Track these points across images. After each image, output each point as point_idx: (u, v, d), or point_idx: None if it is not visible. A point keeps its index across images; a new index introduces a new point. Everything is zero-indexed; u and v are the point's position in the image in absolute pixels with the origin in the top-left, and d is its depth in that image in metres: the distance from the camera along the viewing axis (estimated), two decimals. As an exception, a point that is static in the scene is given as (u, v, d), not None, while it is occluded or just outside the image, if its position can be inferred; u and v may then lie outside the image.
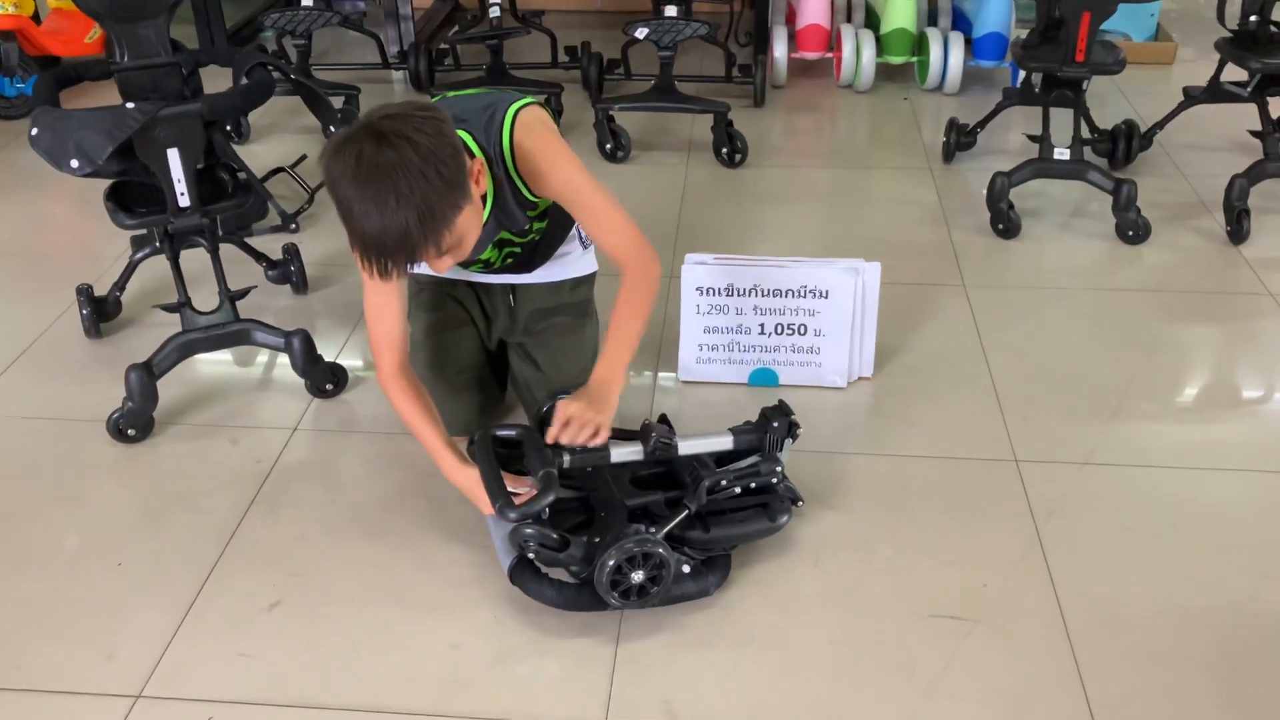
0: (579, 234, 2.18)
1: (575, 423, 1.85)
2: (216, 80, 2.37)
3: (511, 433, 1.97)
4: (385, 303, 1.93)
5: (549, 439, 1.87)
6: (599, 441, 1.87)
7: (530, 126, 1.86)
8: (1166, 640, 1.76)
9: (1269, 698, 1.66)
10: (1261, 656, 1.73)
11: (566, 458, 1.88)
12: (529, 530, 1.73)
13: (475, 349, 2.22)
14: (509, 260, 2.10)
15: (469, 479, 1.90)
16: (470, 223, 1.73)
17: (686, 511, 1.84)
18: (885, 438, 2.26)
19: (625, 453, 1.91)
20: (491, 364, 2.28)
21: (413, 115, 1.64)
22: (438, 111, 1.69)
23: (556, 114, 3.77)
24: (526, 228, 2.00)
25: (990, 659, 1.74)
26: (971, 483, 2.12)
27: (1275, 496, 2.08)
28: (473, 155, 1.77)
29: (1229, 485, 2.11)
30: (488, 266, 2.10)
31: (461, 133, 1.80)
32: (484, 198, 1.83)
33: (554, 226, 2.08)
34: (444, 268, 1.77)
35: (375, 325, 1.96)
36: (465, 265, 2.11)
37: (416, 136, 1.61)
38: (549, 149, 1.87)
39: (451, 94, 1.98)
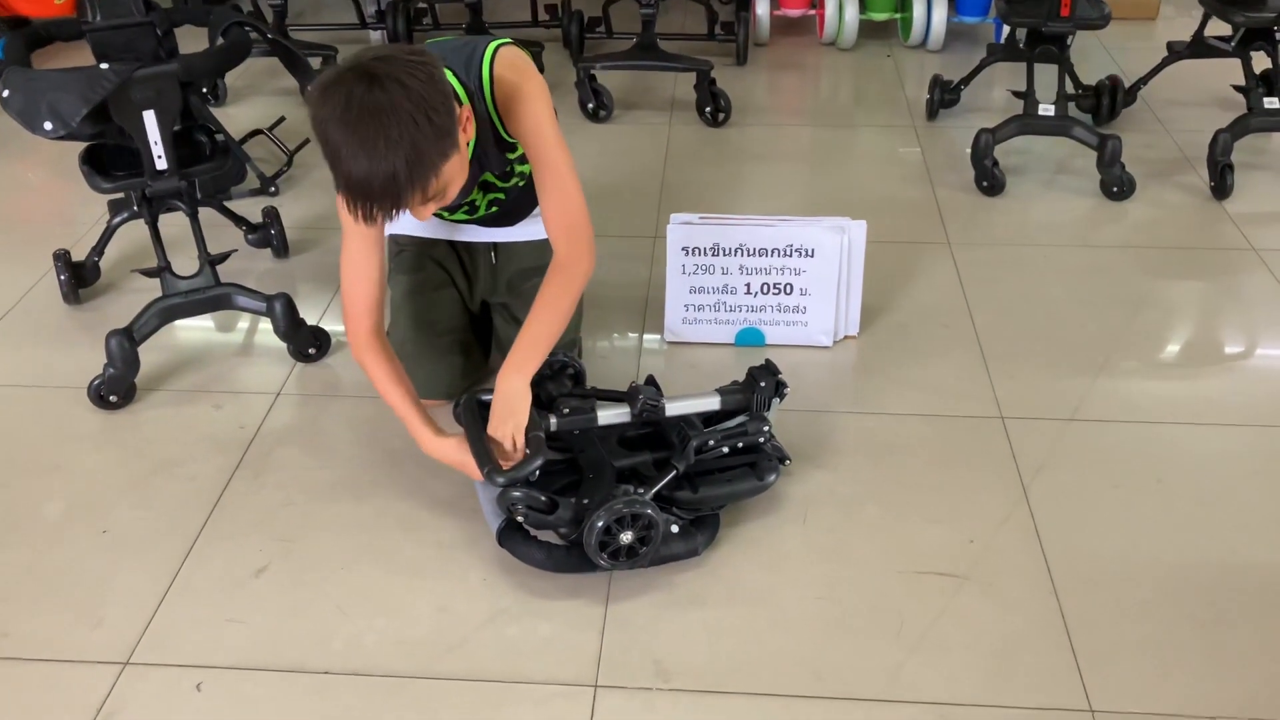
0: None
1: (496, 445, 1.82)
2: (192, 41, 2.33)
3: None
4: (365, 262, 1.91)
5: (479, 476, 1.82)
6: (519, 450, 1.81)
7: (511, 62, 1.84)
8: (1151, 593, 1.78)
9: (1252, 649, 1.68)
10: (1244, 609, 1.75)
11: (553, 420, 1.87)
12: (517, 493, 1.73)
13: (458, 310, 2.20)
14: (493, 209, 2.08)
15: (447, 448, 1.88)
16: (456, 170, 1.69)
17: (674, 472, 1.84)
18: (872, 396, 2.26)
19: (612, 415, 1.91)
20: (474, 327, 2.26)
21: (404, 59, 1.59)
22: (429, 56, 1.65)
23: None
24: (508, 169, 1.97)
25: (977, 614, 1.75)
26: (958, 440, 2.13)
27: (1259, 451, 2.09)
28: (461, 102, 1.74)
29: (1214, 440, 2.12)
30: (472, 211, 2.07)
31: (445, 70, 1.78)
32: (469, 143, 1.81)
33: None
34: (426, 215, 1.74)
35: (352, 286, 1.92)
36: (450, 211, 2.09)
37: (408, 80, 1.56)
38: (528, 85, 1.84)
39: (430, 41, 1.95)
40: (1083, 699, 1.60)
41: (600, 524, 1.71)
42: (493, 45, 1.84)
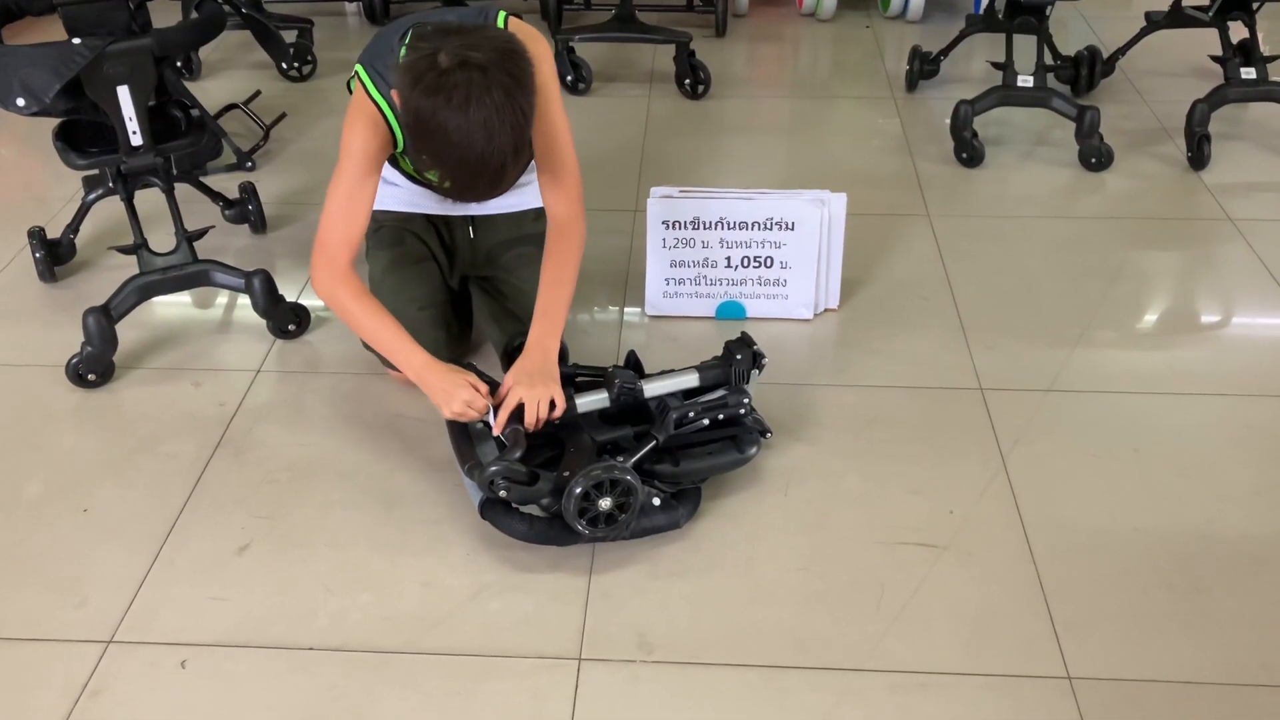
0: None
1: (530, 403, 1.83)
2: (165, 14, 2.30)
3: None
4: (359, 198, 1.91)
5: (496, 429, 1.84)
6: (558, 412, 1.85)
7: (523, 26, 1.87)
8: (1128, 562, 1.80)
9: (1227, 616, 1.70)
10: (1220, 576, 1.77)
11: None
12: (496, 467, 1.73)
13: (437, 285, 2.20)
14: None
15: (443, 374, 1.86)
16: None
17: (654, 442, 1.85)
18: (852, 368, 2.27)
19: (590, 401, 1.91)
20: (454, 304, 2.26)
21: (503, 55, 1.64)
22: (513, 43, 1.69)
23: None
24: None
25: (957, 584, 1.76)
26: (937, 411, 2.14)
27: (1236, 420, 2.11)
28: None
29: (1191, 409, 2.14)
30: None
31: None
32: None
33: None
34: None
35: (340, 224, 1.91)
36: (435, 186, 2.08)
37: (508, 81, 1.62)
38: (539, 48, 1.85)
39: (432, 8, 1.95)
40: (1060, 666, 1.62)
41: (579, 490, 1.71)
42: (502, 16, 1.87)
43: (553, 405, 1.84)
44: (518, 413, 1.84)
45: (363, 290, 1.93)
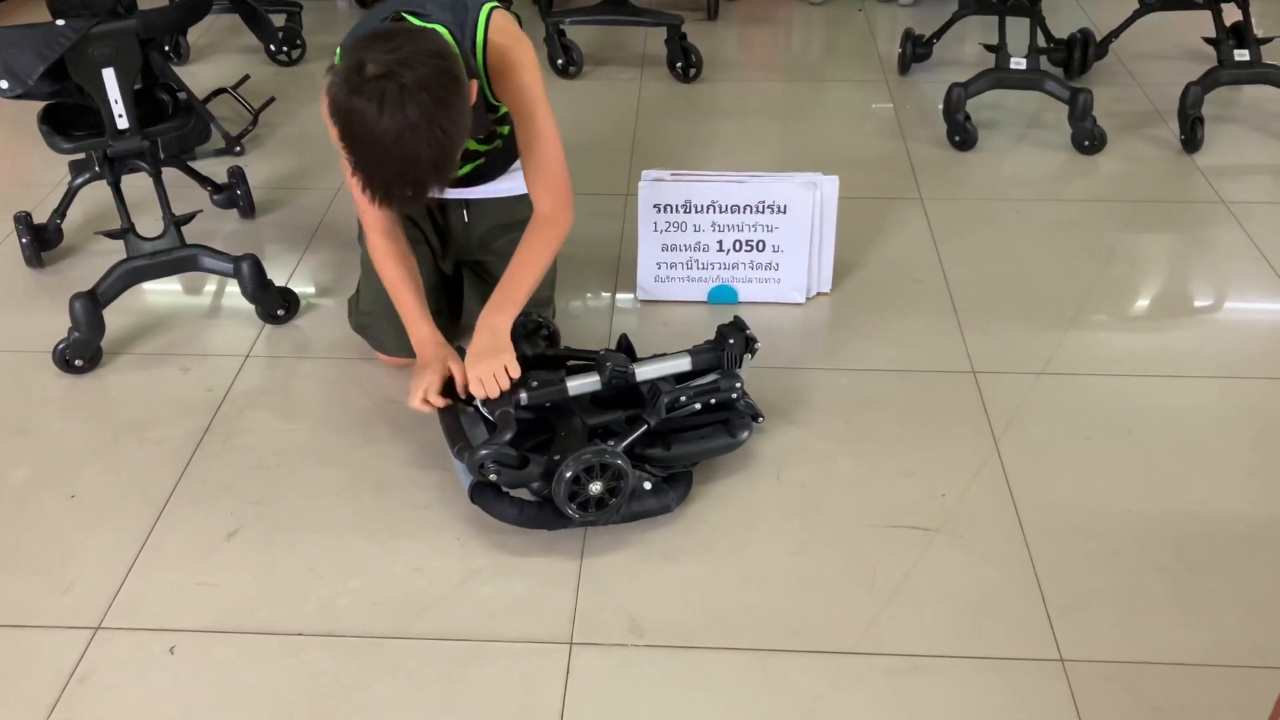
0: None
1: (484, 380, 1.83)
2: (150, -4, 2.28)
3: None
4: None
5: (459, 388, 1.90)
6: (513, 375, 1.85)
7: (504, 26, 1.87)
8: (1121, 544, 1.79)
9: (1219, 597, 1.70)
10: (1213, 557, 1.77)
11: (524, 395, 1.85)
12: (486, 451, 1.72)
13: (429, 269, 2.18)
14: (474, 169, 2.08)
15: (431, 343, 1.94)
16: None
17: (645, 426, 1.84)
18: (844, 352, 2.26)
19: (582, 384, 1.90)
20: (446, 288, 2.24)
21: (424, 62, 1.61)
22: (441, 46, 1.68)
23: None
24: (491, 132, 1.99)
25: (950, 567, 1.76)
26: (930, 395, 2.13)
27: (1228, 401, 2.11)
28: (469, 76, 1.74)
29: (1183, 391, 2.14)
30: (463, 163, 2.06)
31: (438, 27, 1.79)
32: None
33: (514, 136, 2.04)
34: None
35: (365, 210, 1.97)
36: None
37: (431, 87, 1.60)
38: (520, 49, 1.88)
39: None
40: (1053, 649, 1.62)
41: (569, 474, 1.70)
42: (485, 10, 1.85)
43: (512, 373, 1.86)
44: (504, 394, 1.83)
45: (391, 255, 2.00)
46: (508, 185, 2.17)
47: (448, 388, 1.91)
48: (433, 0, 1.85)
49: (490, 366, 1.84)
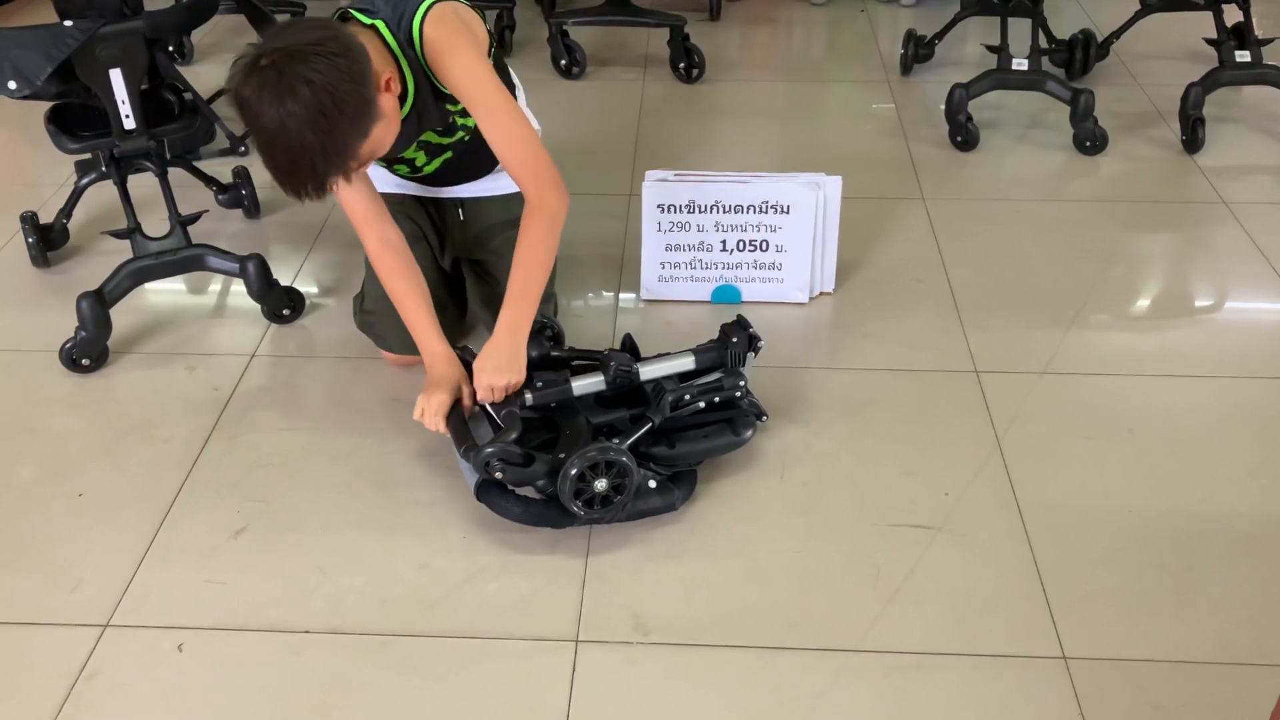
0: None
1: (498, 391, 1.86)
2: (156, -3, 2.29)
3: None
4: (354, 189, 1.95)
5: (465, 408, 1.92)
6: (514, 388, 1.88)
7: (442, 17, 1.83)
8: (1123, 542, 1.80)
9: (1220, 595, 1.71)
10: (1212, 556, 1.78)
11: (529, 396, 1.86)
12: (490, 449, 1.73)
13: (429, 266, 2.18)
14: (445, 164, 2.07)
15: (441, 358, 1.95)
16: (383, 134, 1.76)
17: (650, 424, 1.85)
18: (847, 351, 2.27)
19: (586, 384, 1.90)
20: (448, 284, 2.25)
21: (309, 48, 1.63)
22: (336, 34, 1.68)
23: (508, 29, 3.69)
24: (451, 122, 1.97)
25: (952, 565, 1.77)
26: (932, 394, 2.14)
27: (1229, 401, 2.12)
28: (376, 69, 1.74)
29: (1184, 391, 2.14)
30: (415, 169, 2.06)
31: (378, 22, 1.81)
32: (403, 96, 1.84)
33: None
34: (361, 174, 1.84)
35: (351, 211, 1.99)
36: (389, 166, 2.08)
37: (314, 75, 1.61)
38: (455, 37, 1.83)
39: None
40: (1056, 646, 1.63)
41: (574, 471, 1.71)
42: (424, 6, 1.82)
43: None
44: (509, 397, 1.85)
45: (391, 266, 2.01)
46: (501, 184, 2.18)
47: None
48: None
49: (504, 380, 1.85)
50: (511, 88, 2.07)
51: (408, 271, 2.00)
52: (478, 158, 2.09)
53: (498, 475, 1.76)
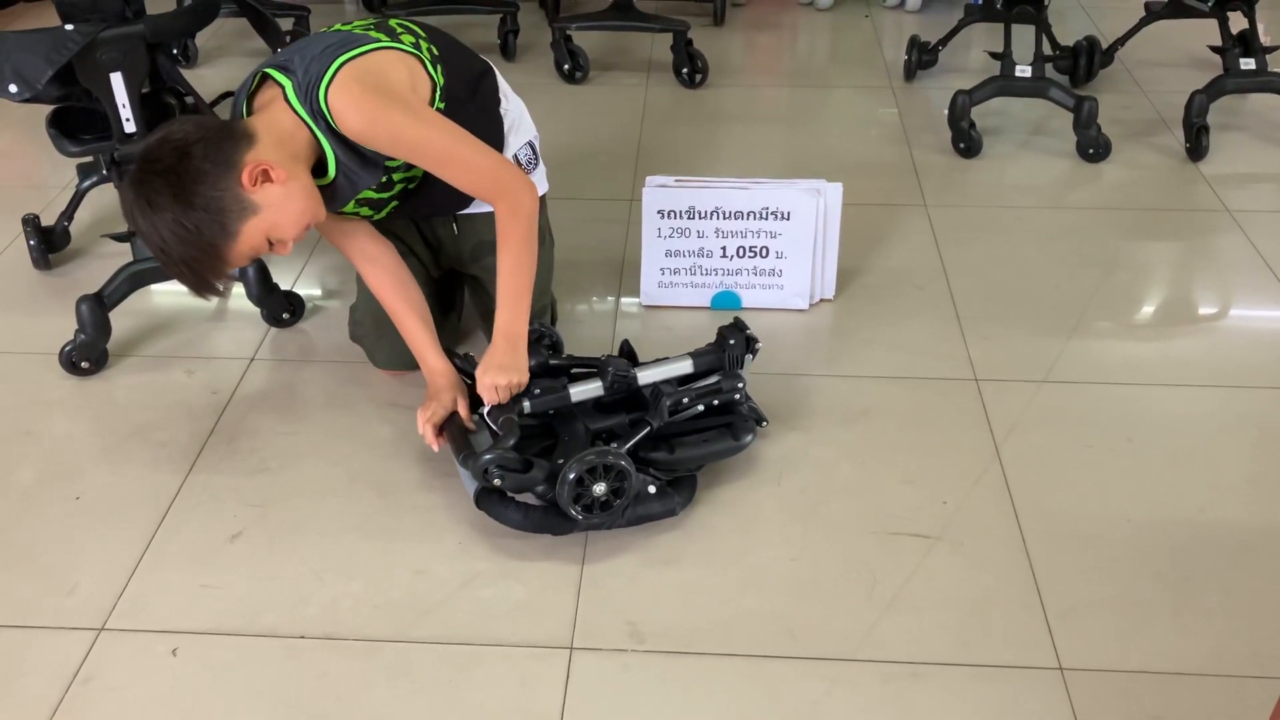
0: (515, 157, 2.06)
1: (502, 390, 1.85)
2: (159, 1, 2.29)
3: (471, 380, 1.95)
4: (337, 231, 1.97)
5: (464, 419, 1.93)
6: (517, 390, 1.88)
7: (345, 87, 1.72)
8: (1121, 552, 1.80)
9: (1218, 606, 1.70)
10: (1211, 566, 1.77)
11: (527, 404, 1.86)
12: (488, 456, 1.73)
13: (421, 279, 2.16)
14: (396, 210, 2.01)
15: (439, 370, 1.95)
16: (264, 226, 1.70)
17: (648, 428, 1.84)
18: (847, 358, 2.27)
19: (584, 390, 1.90)
20: (440, 292, 2.24)
21: (157, 162, 1.65)
22: (182, 148, 1.65)
23: (512, 33, 3.69)
24: (386, 180, 1.89)
25: (949, 573, 1.76)
26: (932, 402, 2.14)
27: (1229, 410, 2.11)
28: (268, 147, 1.72)
29: (1185, 400, 2.14)
30: (377, 208, 1.99)
31: (286, 84, 1.75)
32: (325, 160, 1.79)
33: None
34: (285, 250, 1.77)
35: (333, 242, 1.99)
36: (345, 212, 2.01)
37: (162, 186, 1.63)
38: (366, 109, 1.72)
39: (325, 29, 1.88)
40: (1053, 657, 1.62)
41: (572, 475, 1.71)
42: (331, 69, 1.72)
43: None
44: (505, 405, 1.85)
45: (387, 286, 2.01)
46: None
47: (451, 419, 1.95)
48: (302, 51, 1.79)
49: (506, 379, 1.84)
50: (495, 104, 2.01)
51: (399, 286, 1.99)
52: (436, 194, 1.99)
53: (496, 482, 1.76)
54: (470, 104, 1.92)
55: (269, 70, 1.79)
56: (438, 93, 1.85)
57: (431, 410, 1.92)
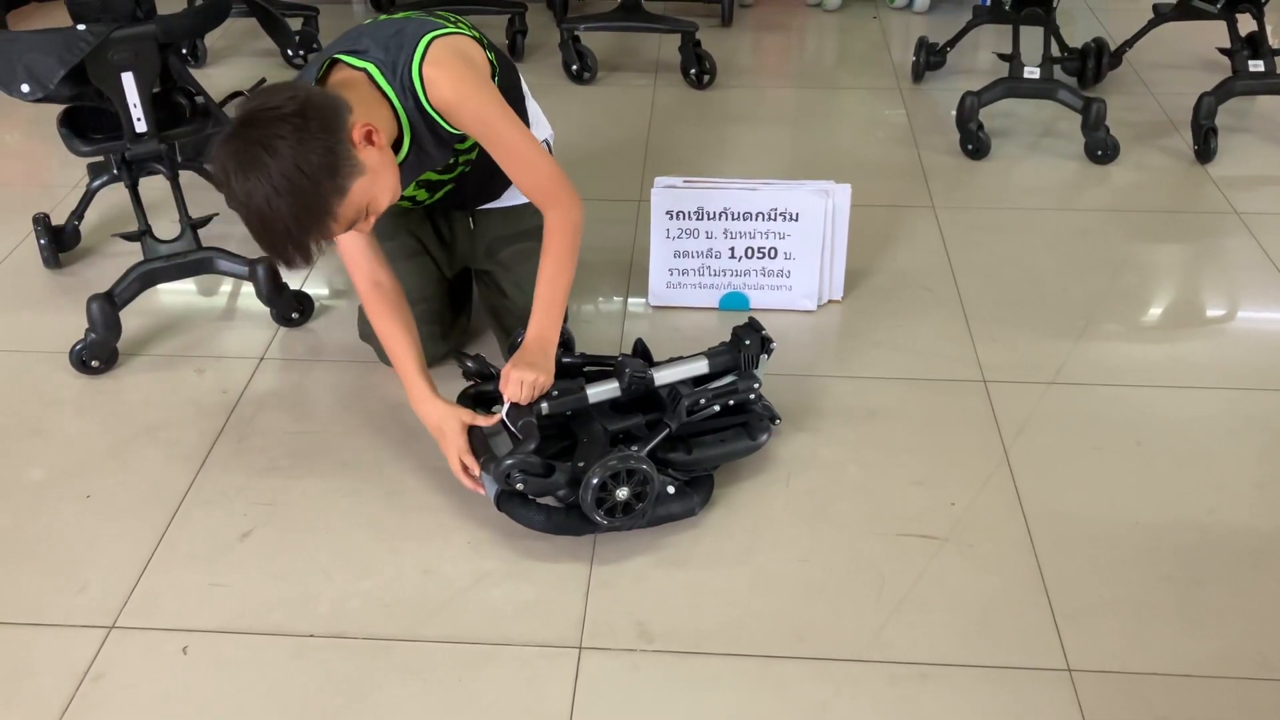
0: None
1: (526, 386, 1.83)
2: (170, 1, 2.30)
3: (490, 387, 1.95)
4: (354, 249, 1.95)
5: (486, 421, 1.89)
6: (541, 390, 1.86)
7: (440, 60, 1.78)
8: (1129, 554, 1.80)
9: (1226, 609, 1.70)
10: (1220, 569, 1.77)
11: (545, 405, 1.86)
12: (510, 460, 1.73)
13: (430, 279, 2.18)
14: (446, 195, 2.05)
15: (436, 413, 1.88)
16: (369, 188, 1.68)
17: (667, 430, 1.85)
18: (855, 359, 2.27)
19: (601, 391, 1.90)
20: (452, 291, 2.25)
21: (271, 117, 1.60)
22: (297, 94, 1.63)
23: (520, 34, 3.70)
24: (452, 161, 1.94)
25: (957, 575, 1.76)
26: (940, 403, 2.14)
27: (1237, 413, 2.11)
28: (351, 123, 1.68)
29: (1193, 402, 2.14)
30: (415, 203, 2.05)
31: (369, 65, 1.76)
32: (400, 140, 1.81)
33: (485, 157, 1.99)
34: (367, 228, 1.76)
35: (343, 250, 1.96)
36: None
37: (276, 143, 1.58)
38: (461, 83, 1.79)
39: (372, 20, 1.89)
40: (1061, 658, 1.62)
41: (595, 481, 1.71)
42: (422, 45, 1.77)
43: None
44: (524, 408, 1.84)
45: (381, 309, 1.96)
46: (511, 195, 2.17)
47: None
48: (372, 35, 1.81)
49: (533, 376, 1.83)
50: (521, 99, 2.06)
51: (397, 315, 1.96)
52: (483, 183, 2.08)
53: (519, 486, 1.76)
54: (507, 96, 1.94)
55: (340, 56, 1.80)
56: (495, 78, 1.90)
57: (454, 452, 1.86)
